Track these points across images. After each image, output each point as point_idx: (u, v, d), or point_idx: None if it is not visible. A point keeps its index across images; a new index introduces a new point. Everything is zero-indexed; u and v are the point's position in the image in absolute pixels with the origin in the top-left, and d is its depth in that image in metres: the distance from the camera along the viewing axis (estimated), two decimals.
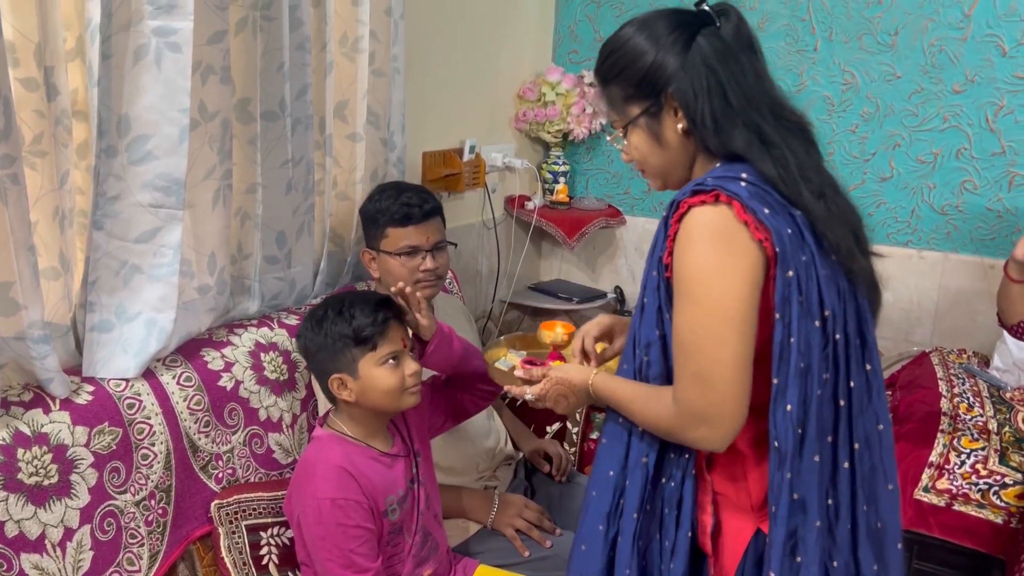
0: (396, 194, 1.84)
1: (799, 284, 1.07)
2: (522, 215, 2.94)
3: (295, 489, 1.50)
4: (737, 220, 1.06)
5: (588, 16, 3.06)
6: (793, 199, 1.11)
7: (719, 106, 1.12)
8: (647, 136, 1.20)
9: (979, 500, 1.85)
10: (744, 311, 1.07)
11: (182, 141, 1.47)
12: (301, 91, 1.79)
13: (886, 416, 1.19)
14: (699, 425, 1.09)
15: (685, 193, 1.11)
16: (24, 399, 1.33)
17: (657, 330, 1.16)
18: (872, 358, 1.17)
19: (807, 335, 1.08)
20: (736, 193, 1.07)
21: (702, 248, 1.08)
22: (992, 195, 2.56)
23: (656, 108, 1.17)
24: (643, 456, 1.20)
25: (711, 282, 1.07)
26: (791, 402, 1.08)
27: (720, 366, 1.06)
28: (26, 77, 1.32)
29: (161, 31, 1.43)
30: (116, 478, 1.40)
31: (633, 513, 1.19)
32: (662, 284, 1.14)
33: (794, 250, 1.07)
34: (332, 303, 1.50)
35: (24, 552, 1.25)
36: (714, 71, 1.12)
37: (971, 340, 2.61)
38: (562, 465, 1.97)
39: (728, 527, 1.21)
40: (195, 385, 1.55)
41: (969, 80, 2.52)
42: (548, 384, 1.30)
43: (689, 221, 1.09)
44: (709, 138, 1.14)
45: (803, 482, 1.10)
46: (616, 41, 1.20)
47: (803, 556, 1.12)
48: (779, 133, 1.13)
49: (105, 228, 1.46)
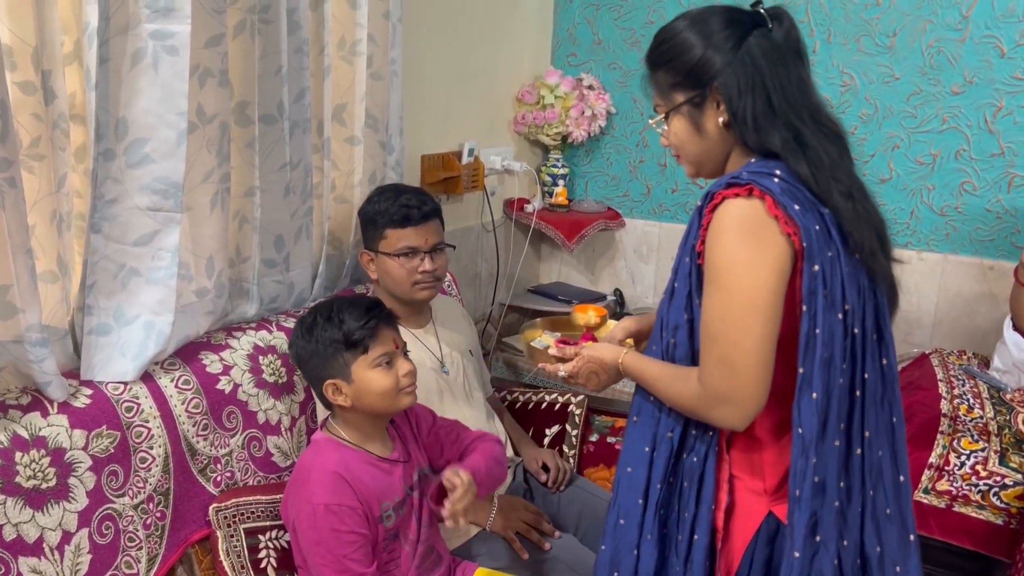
0: (395, 196, 1.84)
1: (824, 278, 1.13)
2: (521, 218, 2.94)
3: (291, 493, 1.50)
4: (768, 214, 1.12)
5: (587, 19, 3.06)
6: (823, 198, 1.16)
7: (761, 106, 1.17)
8: (688, 124, 1.26)
9: (979, 501, 1.85)
10: (770, 300, 1.12)
11: (180, 144, 1.47)
12: (299, 94, 1.80)
13: (900, 410, 1.25)
14: (721, 405, 1.16)
15: (720, 185, 1.17)
16: (22, 402, 1.33)
17: (686, 314, 1.23)
18: (889, 353, 1.23)
19: (831, 327, 1.14)
20: (769, 188, 1.13)
21: (733, 238, 1.13)
22: (991, 196, 2.55)
23: (700, 99, 1.23)
24: (668, 431, 1.27)
25: (740, 271, 1.12)
26: (816, 391, 1.14)
27: (744, 352, 1.13)
28: (24, 81, 1.32)
29: (158, 34, 1.43)
30: (114, 481, 1.40)
31: (658, 483, 1.27)
32: (694, 270, 1.21)
33: (820, 246, 1.13)
34: (321, 309, 1.50)
35: (22, 555, 1.25)
36: (761, 72, 1.17)
37: (971, 341, 2.61)
38: (559, 477, 1.96)
39: (741, 509, 1.25)
40: (193, 388, 1.55)
41: (968, 81, 2.52)
42: (580, 362, 1.39)
43: (722, 212, 1.15)
44: (748, 134, 1.19)
45: (824, 466, 1.17)
46: (670, 30, 1.25)
47: (822, 535, 1.18)
48: (816, 136, 1.18)
49: (103, 231, 1.46)
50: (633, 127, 3.06)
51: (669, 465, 1.27)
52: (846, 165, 1.21)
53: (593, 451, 2.16)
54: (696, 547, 1.23)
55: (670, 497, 1.28)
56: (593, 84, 3.01)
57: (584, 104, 2.95)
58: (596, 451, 2.15)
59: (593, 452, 2.15)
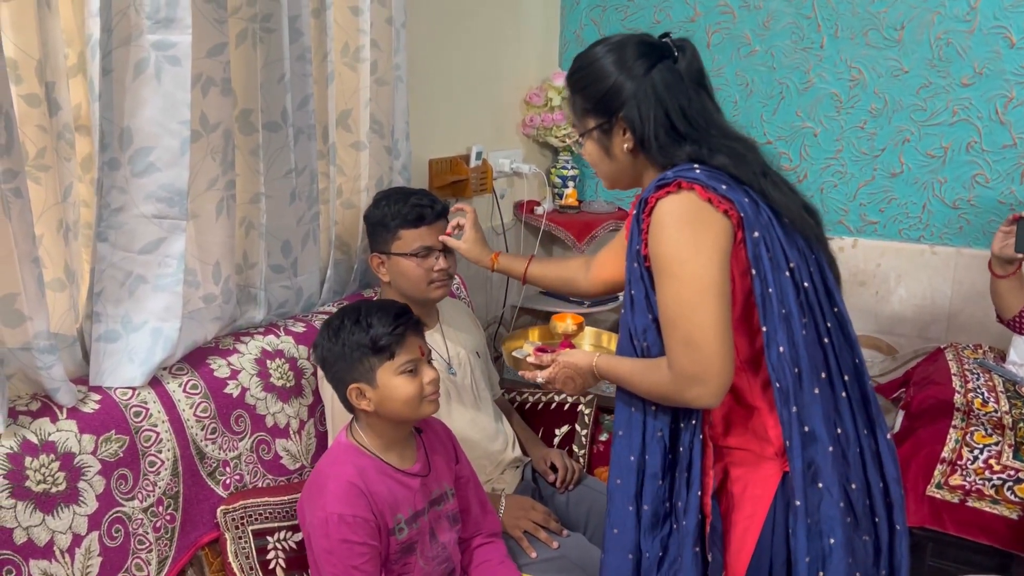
0: (404, 197, 1.86)
1: (765, 242, 1.23)
2: (531, 220, 2.95)
3: (307, 497, 1.51)
4: (700, 199, 1.21)
5: (593, 20, 3.07)
6: (743, 179, 1.26)
7: (663, 131, 1.28)
8: (598, 147, 1.37)
9: (993, 496, 1.83)
10: (718, 278, 1.21)
11: (183, 152, 1.49)
12: (303, 101, 1.82)
13: (859, 351, 1.33)
14: (692, 386, 1.22)
15: (650, 191, 1.26)
16: (31, 408, 1.35)
17: (649, 314, 1.29)
18: (837, 301, 1.31)
19: (781, 284, 1.23)
20: (695, 178, 1.23)
21: (673, 230, 1.22)
22: (1004, 188, 2.53)
23: (608, 126, 1.34)
24: (658, 431, 1.32)
25: (685, 257, 1.21)
26: (781, 343, 1.22)
27: (703, 329, 1.20)
28: (28, 93, 1.34)
29: (160, 45, 1.45)
30: (124, 485, 1.42)
31: (657, 481, 1.32)
32: (644, 273, 1.29)
33: (755, 214, 1.23)
34: (348, 312, 1.51)
35: (33, 558, 1.27)
36: (662, 101, 1.28)
37: (987, 335, 2.58)
38: (567, 477, 1.97)
39: (755, 477, 1.31)
40: (201, 393, 1.57)
41: (977, 73, 2.50)
42: (556, 368, 1.46)
43: (659, 211, 1.24)
44: (656, 157, 1.30)
45: (809, 414, 1.24)
46: (587, 58, 1.35)
47: (823, 481, 1.25)
48: (725, 142, 1.29)
49: (110, 240, 1.48)
50: None
51: (665, 462, 1.32)
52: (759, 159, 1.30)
53: (603, 450, 2.16)
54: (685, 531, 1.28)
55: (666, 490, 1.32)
56: None
57: None
58: (606, 451, 2.15)
59: (603, 451, 2.15)
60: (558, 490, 1.96)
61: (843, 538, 1.25)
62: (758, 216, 1.23)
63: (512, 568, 1.65)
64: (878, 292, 2.75)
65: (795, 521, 1.24)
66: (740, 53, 2.83)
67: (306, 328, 1.85)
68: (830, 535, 1.25)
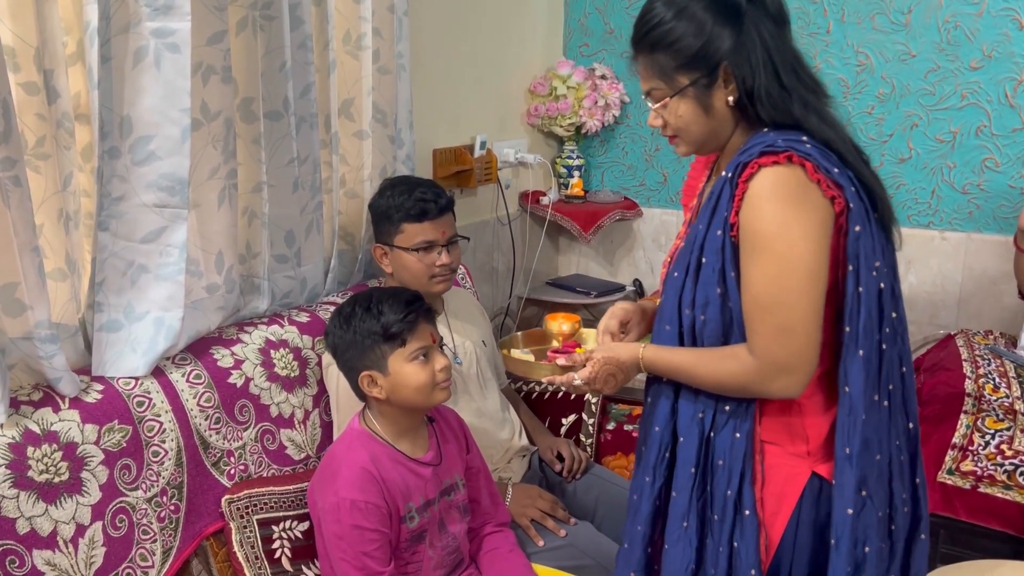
0: (409, 189, 1.83)
1: (863, 239, 1.15)
2: (537, 210, 2.93)
3: (319, 482, 1.50)
4: (810, 179, 1.12)
5: (598, 8, 3.05)
6: (849, 162, 1.18)
7: (773, 80, 1.18)
8: (695, 105, 1.23)
9: (1005, 481, 1.80)
10: (822, 264, 1.14)
11: (184, 141, 1.48)
12: (304, 89, 1.80)
13: (908, 359, 1.26)
14: (780, 375, 1.16)
15: (752, 155, 1.16)
16: (34, 398, 1.35)
17: (718, 288, 1.20)
18: (899, 306, 1.24)
19: (869, 285, 1.16)
20: (808, 154, 1.13)
21: (780, 205, 1.13)
22: (1014, 172, 2.50)
23: (709, 80, 1.21)
24: (699, 412, 1.25)
25: (793, 237, 1.12)
26: (863, 348, 1.15)
27: (801, 318, 1.13)
28: (27, 81, 1.34)
29: (159, 32, 1.44)
30: (127, 475, 1.41)
31: (691, 468, 1.25)
32: (727, 243, 1.18)
33: (858, 206, 1.15)
34: (360, 300, 1.50)
35: (36, 549, 1.26)
36: (767, 48, 1.17)
37: (998, 321, 2.56)
38: (574, 466, 1.95)
39: (780, 474, 1.24)
40: (205, 382, 1.56)
41: (986, 56, 2.47)
42: (596, 365, 1.31)
43: (762, 180, 1.14)
44: (765, 110, 1.19)
45: (871, 424, 1.19)
46: (665, 10, 1.22)
47: (867, 490, 1.19)
48: (821, 103, 1.20)
49: (111, 229, 1.47)
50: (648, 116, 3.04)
51: (700, 445, 1.25)
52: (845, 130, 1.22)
53: (611, 439, 2.14)
54: (747, 523, 1.21)
55: (704, 478, 1.26)
56: (606, 74, 2.99)
57: (597, 94, 2.94)
58: (614, 439, 2.14)
59: (611, 440, 2.14)
60: (565, 479, 1.95)
61: (876, 546, 1.20)
62: (860, 208, 1.15)
63: (521, 557, 1.64)
64: None
65: (843, 529, 1.18)
66: None
67: (310, 318, 1.84)
68: (866, 543, 1.20)
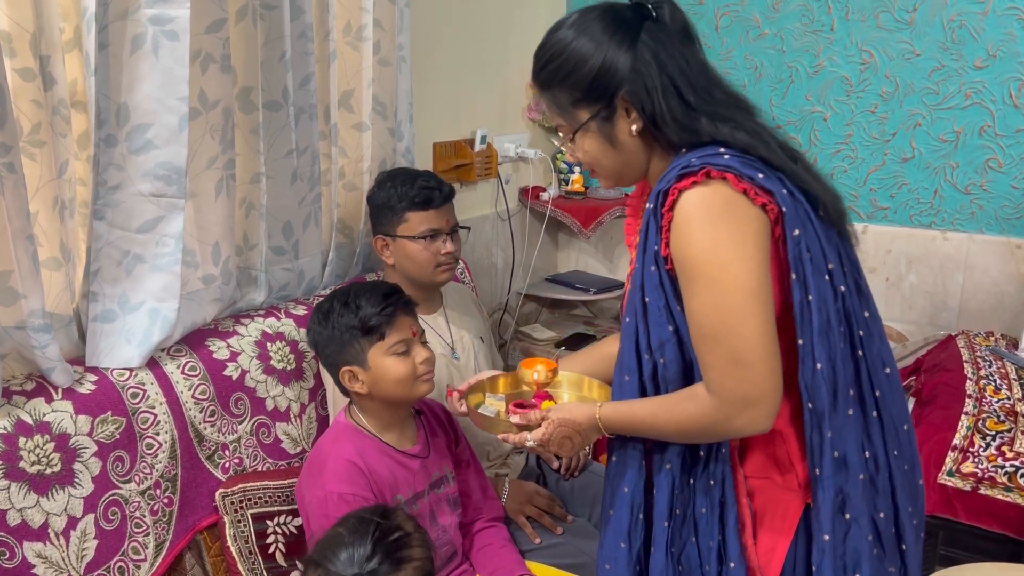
0: (411, 179, 1.82)
1: (806, 240, 1.07)
2: (537, 206, 2.91)
3: (306, 477, 1.49)
4: (734, 191, 1.04)
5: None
6: (774, 163, 1.09)
7: (676, 102, 1.10)
8: (599, 139, 1.17)
9: (1006, 483, 1.79)
10: (763, 281, 1.05)
11: (181, 130, 1.46)
12: (304, 80, 1.79)
13: (891, 359, 1.18)
14: (744, 410, 1.06)
15: (670, 180, 1.08)
16: (26, 388, 1.33)
17: (670, 326, 1.12)
18: (869, 305, 1.16)
19: (821, 291, 1.07)
20: (727, 165, 1.05)
21: (707, 228, 1.05)
22: (1017, 172, 2.49)
23: (608, 112, 1.15)
24: (666, 463, 1.17)
25: (724, 258, 1.04)
26: (820, 360, 1.07)
27: (752, 345, 1.04)
28: (23, 67, 1.32)
29: (158, 19, 1.42)
30: (120, 467, 1.40)
31: (664, 522, 1.17)
32: (664, 278, 1.11)
33: (794, 208, 1.07)
34: (338, 295, 1.50)
35: (27, 540, 1.25)
36: (664, 68, 1.10)
37: (999, 322, 2.54)
38: (571, 464, 1.94)
39: (774, 509, 1.17)
40: (200, 375, 1.55)
41: (991, 55, 2.45)
42: (551, 427, 1.21)
43: (685, 205, 1.06)
44: (673, 134, 1.12)
45: (841, 438, 1.10)
46: (557, 44, 1.16)
47: (851, 512, 1.11)
48: (735, 112, 1.13)
49: (106, 218, 1.46)
50: None
51: (674, 499, 1.16)
52: (771, 132, 1.14)
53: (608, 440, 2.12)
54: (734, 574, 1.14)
55: (681, 531, 1.17)
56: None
57: None
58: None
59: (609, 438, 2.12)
60: (563, 477, 1.93)
61: (870, 572, 1.12)
62: (797, 210, 1.07)
63: (514, 552, 1.62)
64: (888, 279, 2.71)
65: (821, 557, 1.10)
66: (749, 36, 2.79)
67: (307, 311, 1.82)
68: (856, 570, 1.12)
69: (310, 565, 1.15)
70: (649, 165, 1.19)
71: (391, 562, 1.12)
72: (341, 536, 1.14)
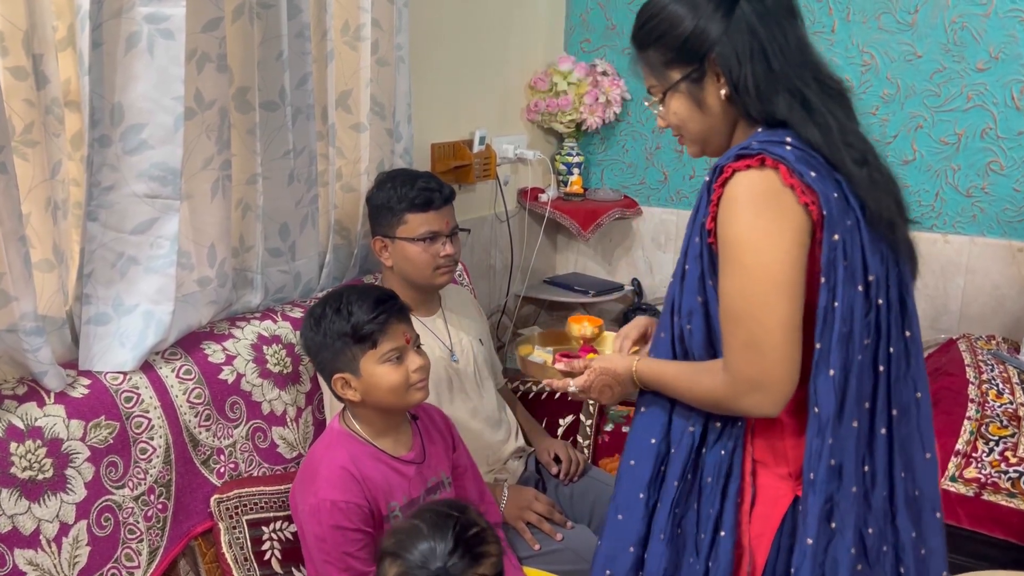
0: (411, 180, 1.81)
1: (844, 248, 1.07)
2: (535, 207, 2.89)
3: (299, 484, 1.47)
4: (783, 184, 1.06)
5: (600, 4, 3.01)
6: (836, 164, 1.10)
7: (762, 72, 1.12)
8: (688, 102, 1.19)
9: (1009, 489, 1.78)
10: (793, 275, 1.07)
11: (177, 130, 1.44)
12: (301, 80, 1.76)
13: (924, 384, 1.19)
14: (751, 392, 1.10)
15: (729, 158, 1.11)
16: (18, 392, 1.31)
17: (699, 296, 1.16)
18: (912, 324, 1.17)
19: (850, 300, 1.08)
20: (782, 156, 1.07)
21: (748, 212, 1.08)
22: (1019, 175, 2.48)
23: (698, 74, 1.17)
24: (690, 426, 1.21)
25: (759, 246, 1.07)
26: (833, 367, 1.08)
27: (769, 332, 1.07)
28: (15, 66, 1.30)
29: (153, 18, 1.40)
30: (113, 472, 1.37)
31: (674, 481, 1.21)
32: (705, 251, 1.15)
33: (840, 214, 1.07)
34: (331, 300, 1.47)
35: (18, 548, 1.23)
36: (757, 36, 1.11)
37: (1000, 326, 2.53)
38: (571, 469, 1.92)
39: (766, 495, 1.19)
40: (195, 378, 1.52)
41: (993, 57, 2.44)
42: (592, 375, 1.31)
43: (734, 186, 1.09)
44: (751, 104, 1.13)
45: (841, 448, 1.11)
46: (655, 5, 1.19)
47: (838, 522, 1.12)
48: (820, 98, 1.13)
49: (100, 219, 1.43)
50: (648, 113, 3.00)
51: (689, 461, 1.20)
52: (854, 128, 1.15)
53: (608, 441, 2.11)
54: (723, 544, 1.17)
55: (687, 495, 1.21)
56: (607, 70, 2.96)
57: (598, 91, 2.90)
58: (611, 441, 2.11)
59: (608, 442, 2.11)
60: (562, 482, 1.91)
61: None
62: (844, 215, 1.08)
63: (511, 559, 1.60)
64: None
65: (801, 559, 1.11)
66: None
67: (304, 314, 1.80)
68: None
69: (387, 556, 1.16)
70: (732, 136, 1.21)
71: (471, 557, 1.14)
72: (420, 529, 1.16)
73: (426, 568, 1.12)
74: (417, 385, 1.46)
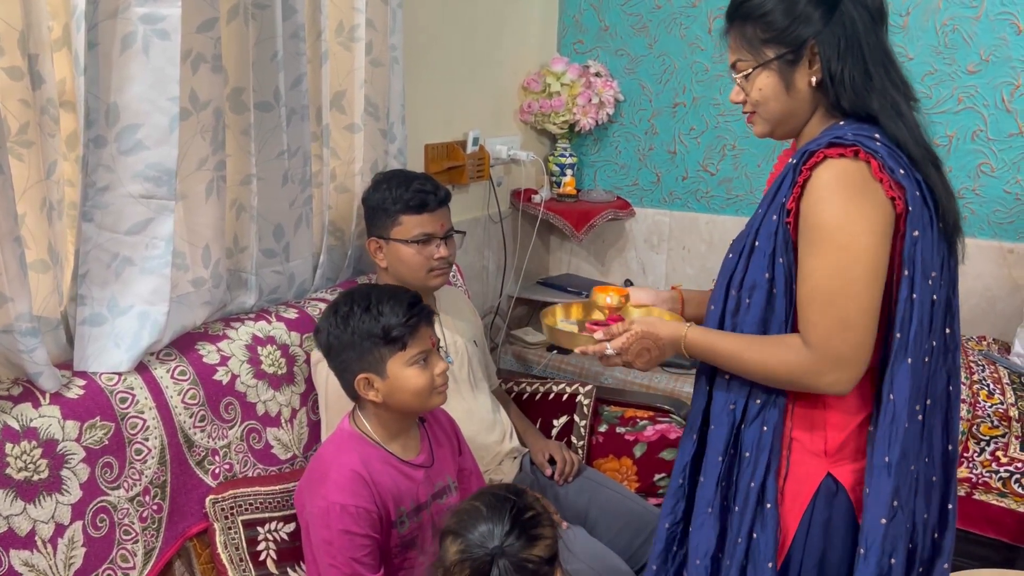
0: (406, 181, 1.81)
1: (922, 243, 1.13)
2: (529, 208, 2.90)
3: (307, 485, 1.45)
4: (873, 177, 1.12)
5: (593, 5, 3.02)
6: (917, 165, 1.16)
7: (860, 69, 1.17)
8: (777, 81, 1.22)
9: (1000, 488, 1.79)
10: (883, 260, 1.13)
11: (172, 130, 1.44)
12: (296, 81, 1.77)
13: (957, 379, 1.25)
14: (835, 370, 1.14)
15: (821, 144, 1.15)
16: (13, 393, 1.31)
17: (767, 273, 1.19)
18: (953, 323, 1.23)
19: (924, 294, 1.14)
20: (875, 151, 1.12)
21: (841, 197, 1.12)
22: (1010, 177, 2.49)
23: (794, 56, 1.20)
24: (731, 403, 1.25)
25: (855, 230, 1.11)
26: (911, 356, 1.14)
27: (863, 310, 1.13)
28: (10, 66, 1.30)
29: (148, 18, 1.40)
30: (109, 473, 1.37)
31: (718, 457, 1.26)
32: (780, 229, 1.18)
33: (919, 211, 1.13)
34: (358, 299, 1.43)
35: (14, 549, 1.23)
36: (858, 35, 1.17)
37: (991, 327, 2.55)
38: (565, 469, 1.92)
39: (798, 471, 1.23)
40: (190, 379, 1.52)
41: (984, 60, 2.46)
42: (631, 337, 1.29)
43: (826, 171, 1.13)
44: (846, 96, 1.18)
45: (910, 434, 1.16)
46: None
47: (899, 500, 1.17)
48: (905, 104, 1.19)
49: (95, 220, 1.43)
50: (642, 115, 3.02)
51: (730, 438, 1.25)
52: (923, 132, 1.21)
53: (602, 442, 2.11)
54: (769, 516, 1.21)
55: (730, 469, 1.26)
56: (600, 71, 2.96)
57: (591, 92, 2.91)
58: (605, 442, 2.11)
59: (602, 443, 2.11)
60: (556, 483, 1.92)
61: (901, 559, 1.18)
62: (922, 213, 1.13)
63: None
64: None
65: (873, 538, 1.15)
66: None
67: (298, 314, 1.80)
68: (893, 555, 1.17)
69: (448, 535, 1.19)
70: (807, 123, 1.24)
71: (527, 538, 1.17)
72: (479, 510, 1.19)
73: (484, 547, 1.15)
74: (439, 389, 1.45)
